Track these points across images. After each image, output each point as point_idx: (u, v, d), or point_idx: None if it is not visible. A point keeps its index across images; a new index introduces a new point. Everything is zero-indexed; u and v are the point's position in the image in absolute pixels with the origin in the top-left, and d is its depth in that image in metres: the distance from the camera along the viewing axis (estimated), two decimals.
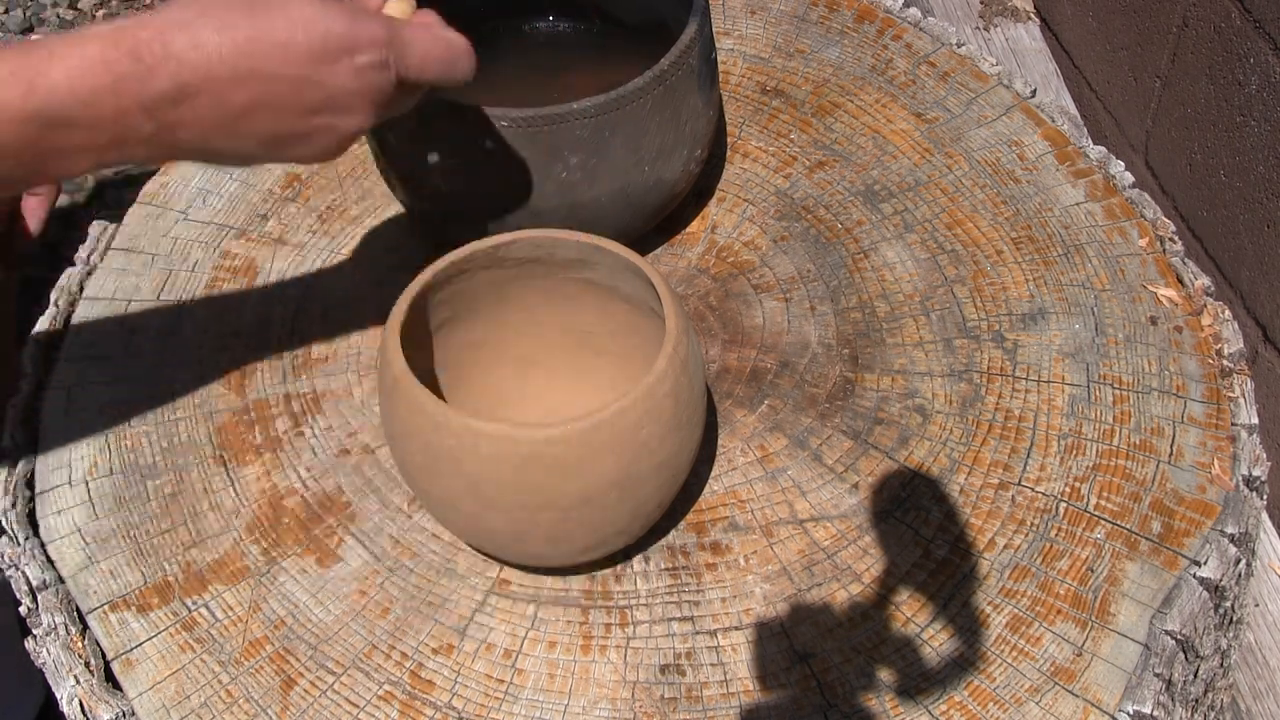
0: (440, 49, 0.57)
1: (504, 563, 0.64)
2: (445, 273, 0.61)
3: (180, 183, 0.84)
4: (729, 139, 0.85)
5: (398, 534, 0.66)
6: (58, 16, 1.88)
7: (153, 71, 0.49)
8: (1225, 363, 0.71)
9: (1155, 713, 0.58)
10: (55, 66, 0.48)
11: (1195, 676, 0.63)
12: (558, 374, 0.70)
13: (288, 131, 0.54)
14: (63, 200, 1.60)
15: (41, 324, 0.75)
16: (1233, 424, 0.68)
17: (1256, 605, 1.11)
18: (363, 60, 0.54)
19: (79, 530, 0.66)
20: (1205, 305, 0.73)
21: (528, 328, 0.68)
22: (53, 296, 0.77)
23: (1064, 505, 0.66)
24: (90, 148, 0.50)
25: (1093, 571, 0.63)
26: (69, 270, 0.79)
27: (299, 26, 0.52)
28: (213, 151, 0.54)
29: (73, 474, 0.69)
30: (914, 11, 0.93)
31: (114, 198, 1.61)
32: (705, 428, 0.62)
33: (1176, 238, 0.77)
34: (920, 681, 0.59)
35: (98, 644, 0.62)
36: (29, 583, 0.64)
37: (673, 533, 0.65)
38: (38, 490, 0.68)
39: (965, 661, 0.60)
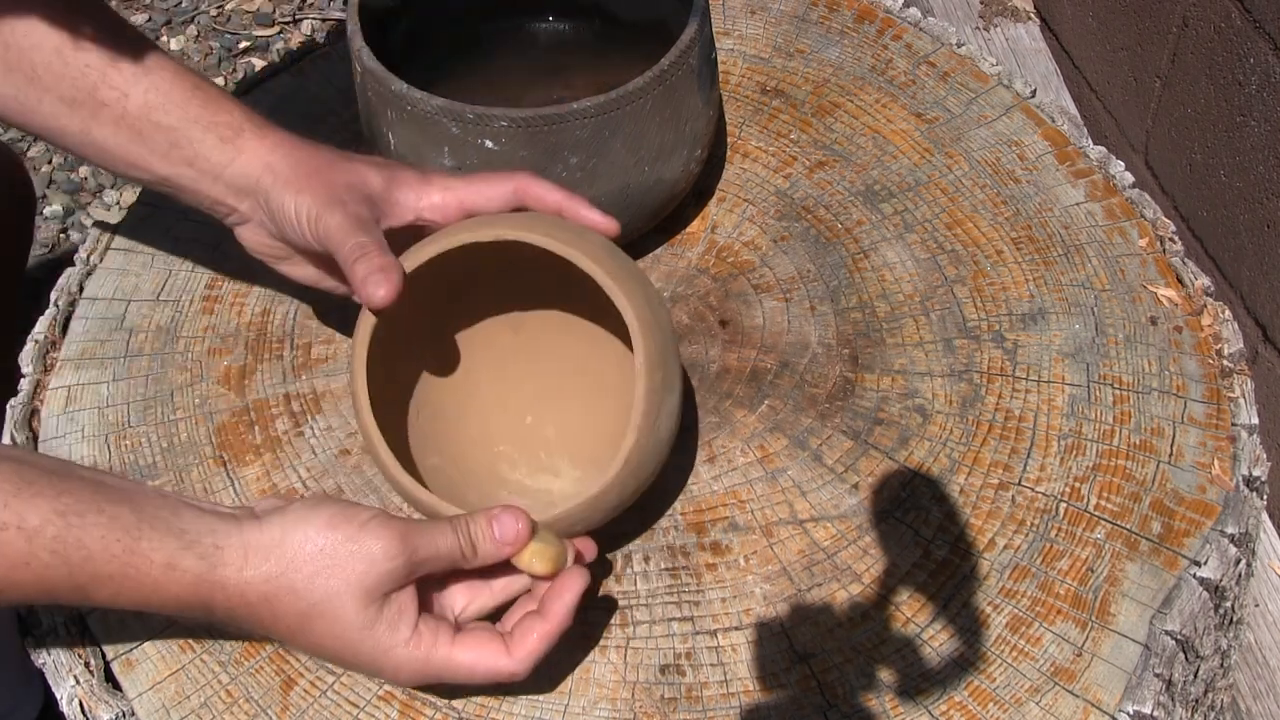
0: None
1: None
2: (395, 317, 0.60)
3: None
4: (729, 139, 0.85)
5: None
6: None
7: (213, 614, 0.55)
8: (1225, 363, 0.71)
9: (1155, 713, 0.58)
10: (143, 589, 0.54)
11: (1195, 676, 0.63)
12: (548, 328, 0.69)
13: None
14: (63, 200, 1.60)
15: (41, 324, 0.75)
16: (1233, 424, 0.68)
17: (1256, 605, 1.11)
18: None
19: None
20: (1205, 305, 0.73)
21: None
22: (52, 296, 0.77)
23: (1064, 505, 0.66)
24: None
25: (1093, 571, 0.63)
26: (69, 270, 0.79)
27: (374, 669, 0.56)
28: None
29: None
30: (914, 11, 0.93)
31: (114, 197, 1.61)
32: (687, 413, 0.63)
33: (1176, 238, 0.77)
34: (920, 681, 0.59)
35: (98, 644, 0.62)
36: None
37: (673, 533, 0.65)
38: None
39: (965, 661, 0.60)
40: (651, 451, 0.58)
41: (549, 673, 0.60)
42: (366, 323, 0.58)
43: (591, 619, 0.62)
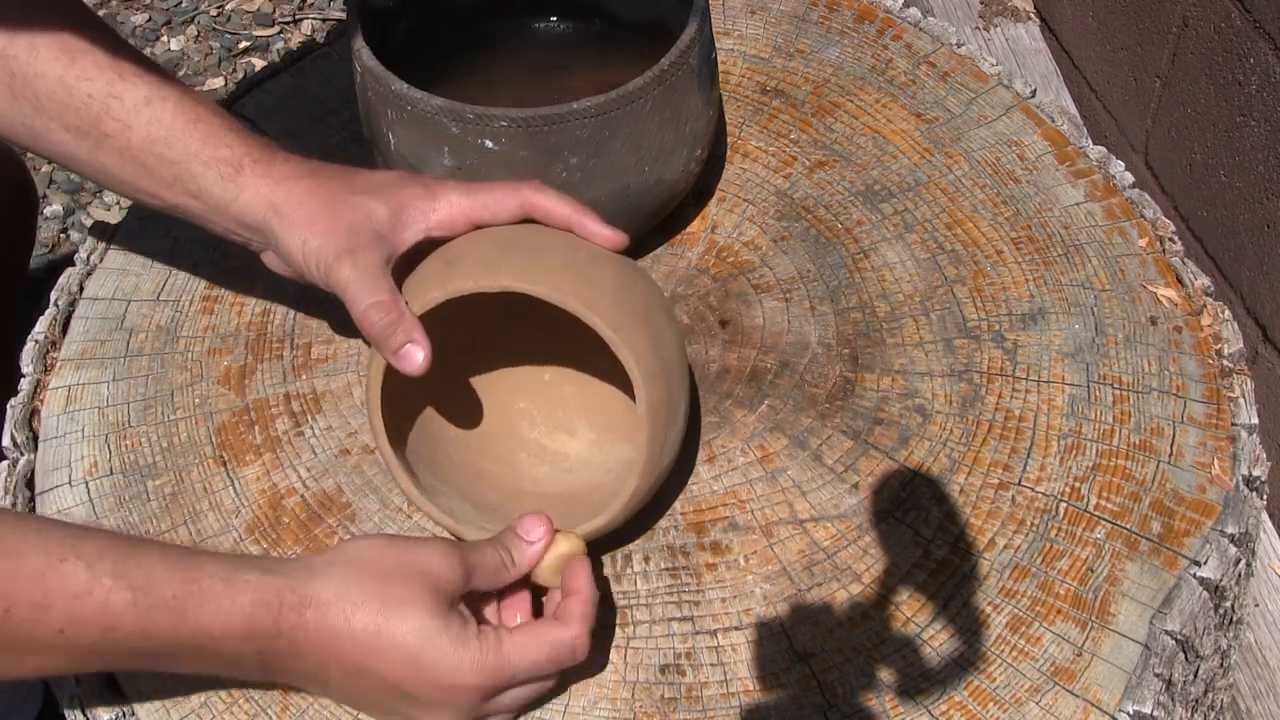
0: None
1: None
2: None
3: None
4: (729, 139, 0.85)
5: (398, 534, 0.66)
6: None
7: (277, 641, 0.54)
8: (1225, 363, 0.71)
9: (1155, 713, 0.58)
10: (206, 608, 0.52)
11: (1195, 676, 0.63)
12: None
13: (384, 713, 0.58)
14: (63, 200, 1.60)
15: (41, 324, 0.75)
16: (1233, 424, 0.68)
17: (1256, 605, 1.12)
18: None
19: None
20: (1205, 305, 0.73)
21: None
22: (53, 296, 0.77)
23: (1064, 505, 0.66)
24: (197, 666, 0.55)
25: (1093, 571, 0.63)
26: (69, 270, 0.79)
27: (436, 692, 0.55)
28: (310, 691, 0.59)
29: (73, 474, 0.69)
30: (914, 11, 0.93)
31: (114, 197, 1.61)
32: (693, 413, 0.65)
33: (1176, 238, 0.77)
34: (920, 681, 0.59)
35: None
36: None
37: (673, 533, 0.65)
38: (38, 490, 0.68)
39: (965, 661, 0.60)
40: (653, 485, 0.61)
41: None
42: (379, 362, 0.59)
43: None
